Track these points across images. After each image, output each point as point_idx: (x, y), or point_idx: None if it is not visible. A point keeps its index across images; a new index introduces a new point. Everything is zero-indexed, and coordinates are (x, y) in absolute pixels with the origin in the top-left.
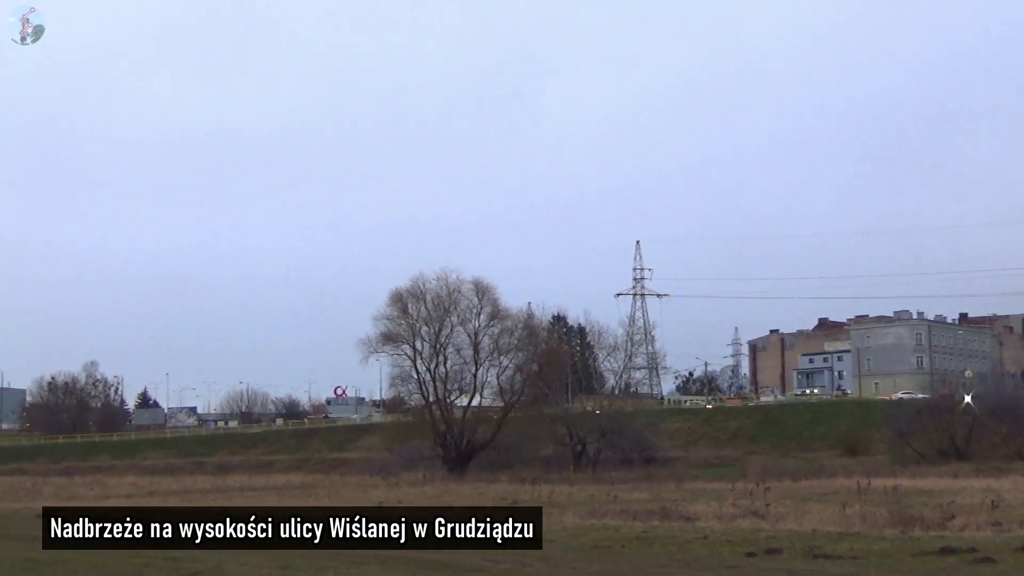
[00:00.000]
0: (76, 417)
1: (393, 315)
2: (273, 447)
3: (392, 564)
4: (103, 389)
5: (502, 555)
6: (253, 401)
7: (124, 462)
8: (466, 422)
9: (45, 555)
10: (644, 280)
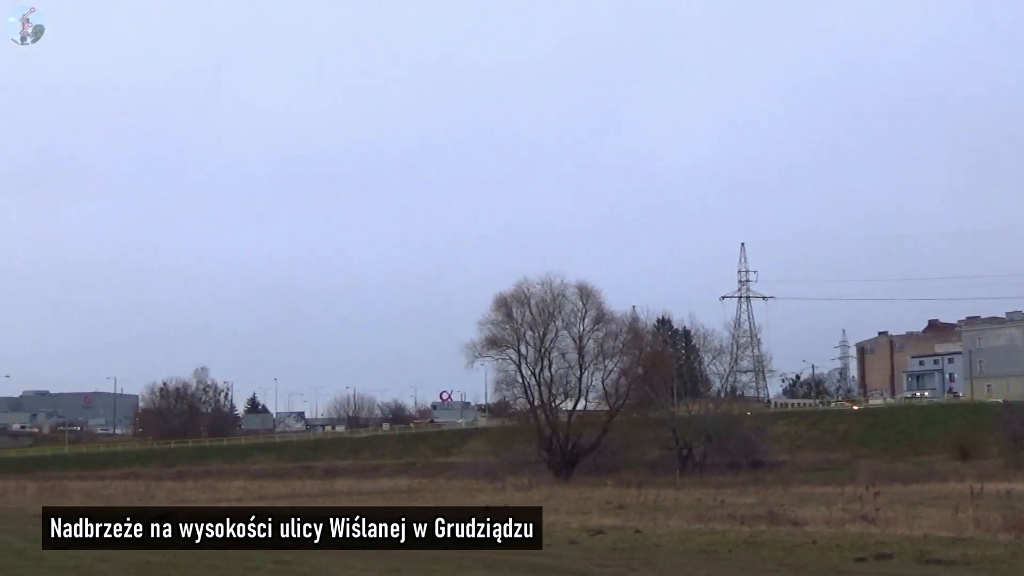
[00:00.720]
0: (187, 422)
1: (498, 320)
2: (379, 451)
3: (497, 568)
4: (213, 395)
5: (607, 559)
6: (360, 406)
7: (234, 466)
8: (571, 426)
9: (153, 556)
10: (749, 282)
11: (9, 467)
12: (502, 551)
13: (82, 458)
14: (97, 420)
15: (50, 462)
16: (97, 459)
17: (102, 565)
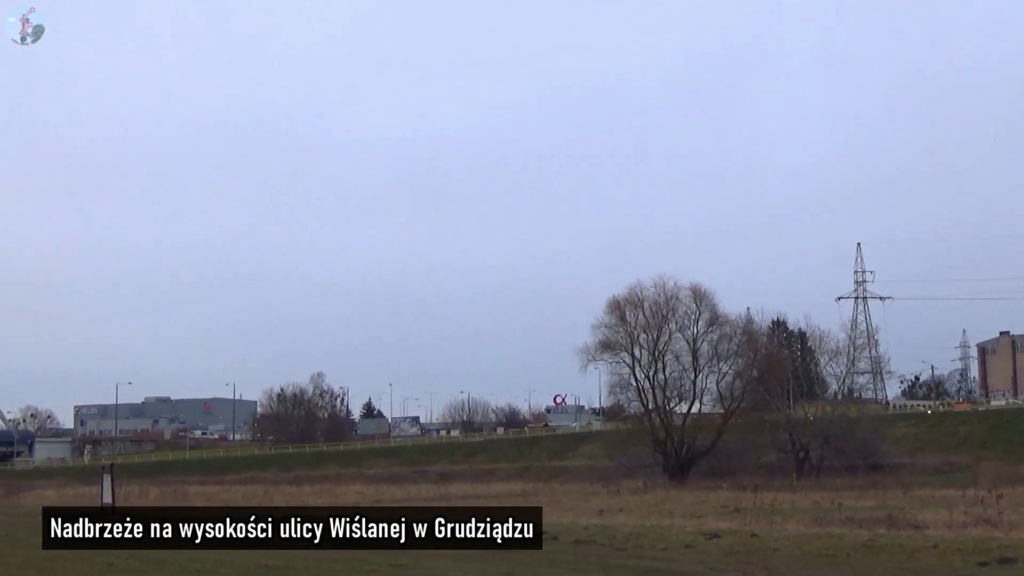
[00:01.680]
0: (304, 427)
1: (611, 323)
2: (494, 455)
3: (612, 571)
4: (330, 400)
5: (723, 563)
6: (474, 410)
7: (350, 471)
8: (686, 429)
9: (271, 559)
10: (866, 283)
11: (132, 472)
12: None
13: (202, 463)
14: (216, 426)
15: (171, 467)
16: (217, 464)
17: (222, 569)
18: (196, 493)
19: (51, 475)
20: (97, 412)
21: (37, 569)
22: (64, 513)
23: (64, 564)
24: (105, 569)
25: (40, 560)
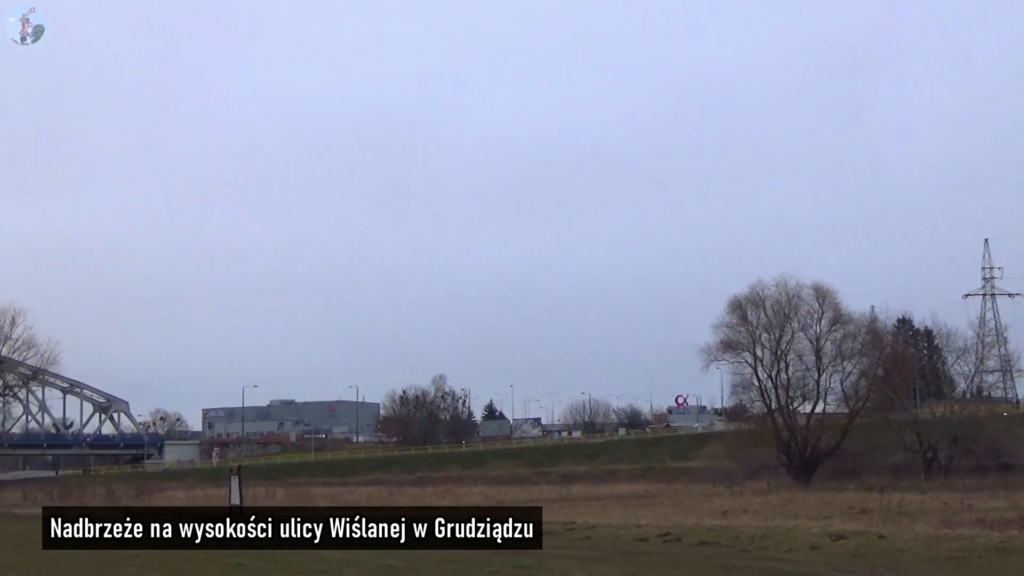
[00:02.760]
0: (427, 429)
1: (732, 323)
2: (616, 457)
3: (737, 572)
4: (451, 402)
5: (850, 565)
6: (595, 411)
7: (472, 472)
8: (810, 429)
9: (395, 560)
10: (994, 279)
11: (259, 474)
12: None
13: (327, 465)
14: (340, 428)
15: (297, 469)
16: (341, 466)
17: (348, 570)
18: (321, 494)
19: (181, 477)
20: (224, 415)
21: (169, 569)
22: (64, 513)
23: (195, 564)
24: (233, 569)
25: (170, 560)
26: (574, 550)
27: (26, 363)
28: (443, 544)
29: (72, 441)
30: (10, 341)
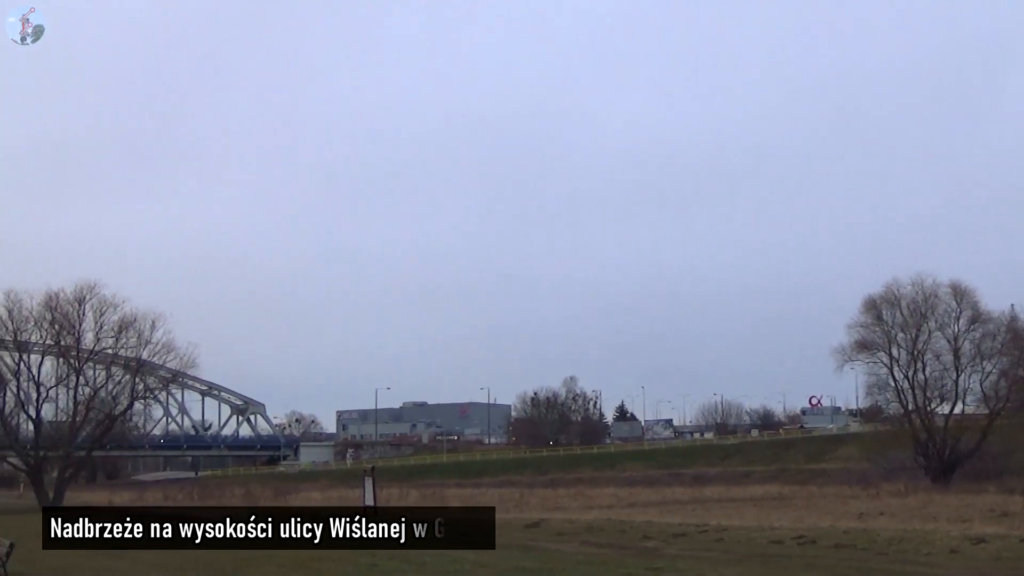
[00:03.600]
0: (558, 431)
1: (867, 322)
2: (748, 458)
3: (871, 574)
4: (582, 403)
5: (991, 569)
6: (727, 412)
7: (604, 474)
8: (948, 430)
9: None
10: None
11: (392, 475)
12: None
13: (459, 466)
14: (472, 430)
15: (429, 470)
16: (473, 467)
17: (482, 571)
18: (453, 496)
19: (316, 478)
20: (358, 417)
21: (307, 569)
22: (64, 513)
23: (329, 564)
24: (367, 569)
25: (307, 559)
26: (707, 552)
27: (166, 367)
28: (404, 545)
29: (211, 443)
30: (150, 345)
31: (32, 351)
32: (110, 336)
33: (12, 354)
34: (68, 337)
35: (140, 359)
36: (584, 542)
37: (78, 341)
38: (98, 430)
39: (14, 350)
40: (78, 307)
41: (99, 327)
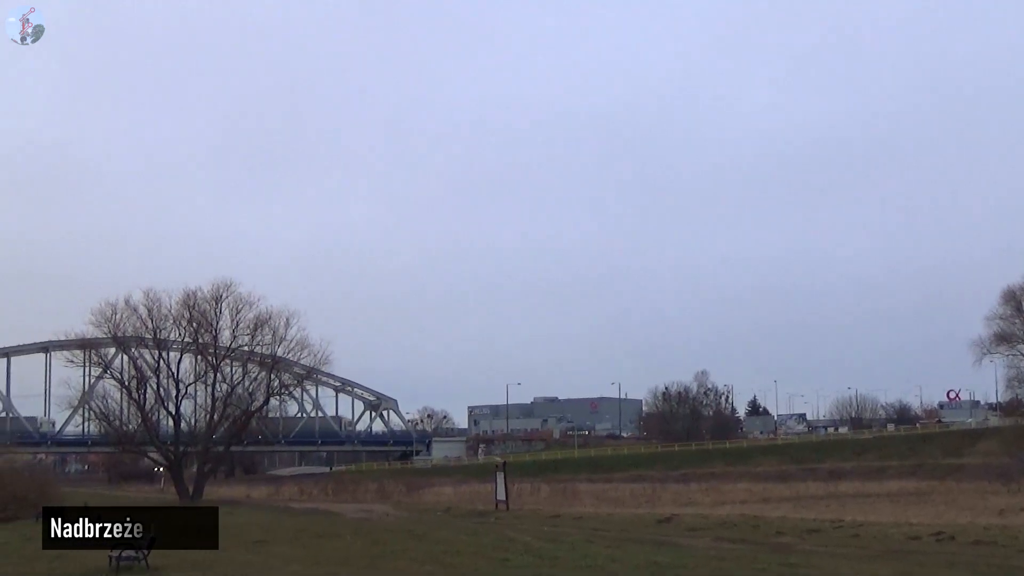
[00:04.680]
0: (689, 425)
1: (1006, 314)
2: (885, 453)
3: (1017, 574)
4: (714, 398)
5: None
6: (862, 406)
7: (737, 469)
8: None
9: (662, 556)
10: None
11: (524, 471)
12: None
13: (590, 461)
14: (603, 424)
15: (560, 466)
16: (604, 462)
17: (613, 565)
18: (585, 491)
19: (448, 473)
20: (489, 412)
21: (440, 563)
22: (64, 513)
23: (462, 559)
24: (500, 564)
25: (439, 554)
26: (842, 548)
27: (300, 363)
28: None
29: (344, 438)
30: (285, 342)
31: (171, 349)
32: (246, 333)
33: (152, 352)
34: (205, 335)
35: (275, 356)
36: (717, 538)
37: (215, 339)
38: (235, 426)
39: (154, 348)
40: (215, 305)
41: (235, 325)
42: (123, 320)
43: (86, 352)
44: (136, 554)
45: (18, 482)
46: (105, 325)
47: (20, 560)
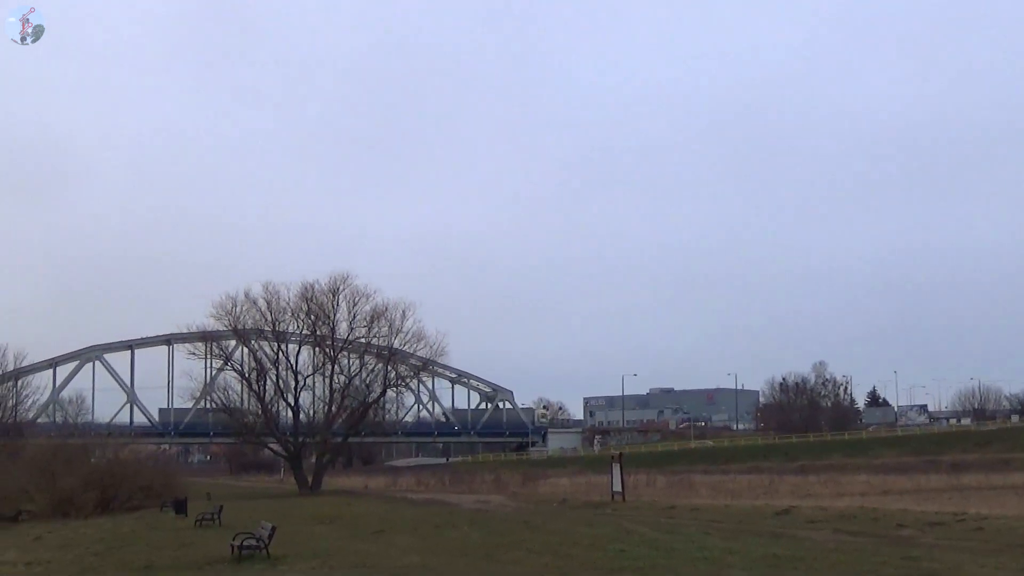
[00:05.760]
0: (807, 417)
1: None
2: (1009, 445)
3: None
4: (832, 388)
5: None
6: (986, 398)
7: (855, 460)
8: None
9: (780, 549)
10: None
11: (639, 462)
12: None
13: (706, 453)
14: (720, 416)
15: (677, 457)
16: (721, 454)
17: (731, 558)
18: (701, 483)
19: (564, 464)
20: (605, 403)
21: (557, 554)
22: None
23: (578, 551)
24: (616, 555)
25: (556, 545)
26: (966, 541)
27: (416, 355)
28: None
29: (461, 429)
30: (401, 334)
31: (290, 341)
32: (363, 325)
33: (271, 344)
34: (323, 327)
35: (392, 348)
36: (836, 530)
37: (333, 331)
38: (353, 417)
39: (273, 340)
40: (332, 298)
41: (352, 317)
42: (243, 313)
43: (207, 345)
44: (257, 543)
45: (144, 473)
46: (225, 318)
47: (148, 548)
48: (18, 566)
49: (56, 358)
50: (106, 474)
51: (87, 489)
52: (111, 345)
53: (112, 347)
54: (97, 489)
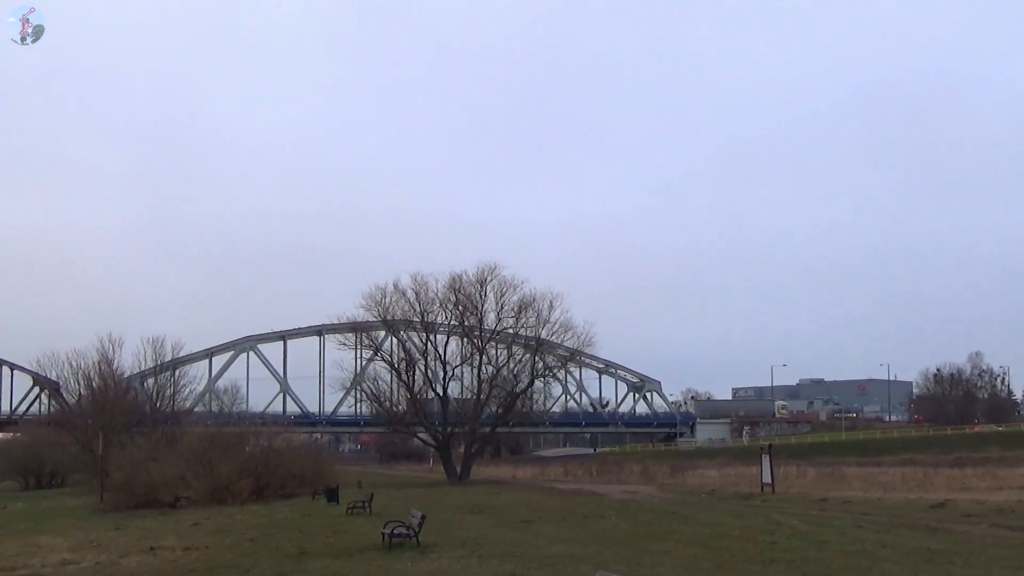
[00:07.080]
0: (963, 408)
1: None
2: None
3: None
4: (989, 380)
5: None
6: None
7: (1014, 454)
8: None
9: (935, 543)
10: None
11: (789, 453)
12: None
13: (858, 444)
14: (871, 407)
15: (827, 448)
16: (873, 446)
17: (885, 551)
18: (853, 475)
19: (712, 455)
20: (754, 394)
21: (706, 545)
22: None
23: (729, 542)
24: (767, 547)
25: (706, 537)
26: None
27: (564, 345)
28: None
29: (608, 420)
30: (548, 324)
31: (438, 331)
32: (510, 316)
33: (420, 334)
34: (471, 317)
35: (539, 338)
36: (994, 524)
37: (480, 321)
38: (501, 407)
39: (422, 330)
40: (480, 288)
41: (500, 307)
42: (392, 304)
43: (357, 335)
44: (407, 531)
45: (296, 461)
46: (375, 309)
47: (301, 535)
48: (177, 551)
49: (212, 348)
50: (260, 462)
51: (242, 477)
52: (264, 336)
53: (265, 338)
54: (252, 477)
